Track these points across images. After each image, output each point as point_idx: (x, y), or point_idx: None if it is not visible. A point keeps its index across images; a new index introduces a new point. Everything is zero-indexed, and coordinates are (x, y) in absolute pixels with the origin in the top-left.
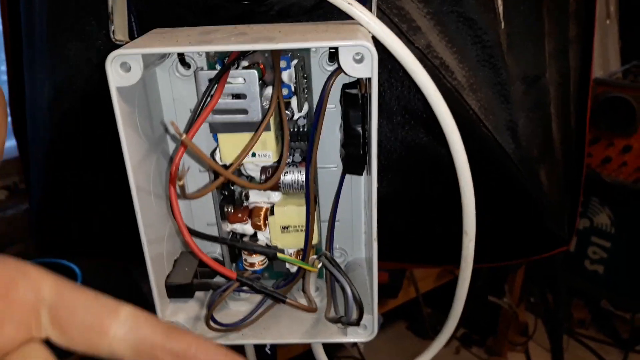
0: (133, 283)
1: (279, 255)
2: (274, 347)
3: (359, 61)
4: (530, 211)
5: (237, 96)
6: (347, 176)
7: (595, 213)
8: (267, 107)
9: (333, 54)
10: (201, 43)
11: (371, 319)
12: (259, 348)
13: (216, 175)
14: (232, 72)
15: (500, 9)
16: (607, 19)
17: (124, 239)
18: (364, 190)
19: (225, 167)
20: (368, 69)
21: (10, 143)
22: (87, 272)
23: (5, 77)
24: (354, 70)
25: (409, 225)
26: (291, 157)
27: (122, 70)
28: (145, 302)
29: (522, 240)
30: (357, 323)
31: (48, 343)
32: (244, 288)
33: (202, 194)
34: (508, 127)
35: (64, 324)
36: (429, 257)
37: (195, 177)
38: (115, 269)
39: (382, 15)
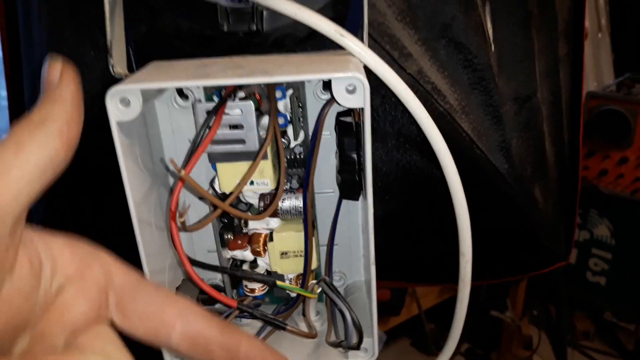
0: None
1: (278, 283)
2: None
3: (352, 92)
4: (526, 229)
5: (234, 127)
6: (344, 200)
7: (595, 225)
8: (264, 136)
9: (327, 84)
10: (198, 77)
11: (371, 342)
12: None
13: (215, 205)
14: (229, 103)
15: (490, 32)
16: (599, 32)
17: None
18: (360, 214)
19: (225, 195)
20: (360, 100)
21: None
22: None
23: (5, 103)
24: (346, 100)
25: (406, 245)
26: (288, 184)
27: (121, 105)
28: None
29: (519, 258)
30: (357, 347)
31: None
32: (245, 314)
33: (202, 226)
34: (501, 147)
35: (128, 309)
36: (427, 276)
37: (196, 206)
38: None
39: (374, 43)
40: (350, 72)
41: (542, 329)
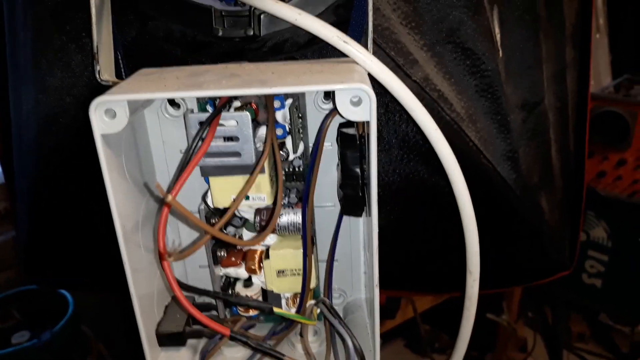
0: (127, 309)
1: (276, 310)
2: None
3: (357, 104)
4: (532, 239)
5: (229, 139)
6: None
7: (592, 227)
8: (260, 148)
9: (329, 93)
10: (190, 87)
11: None
12: None
13: (208, 219)
14: (223, 114)
15: (498, 37)
16: (597, 32)
17: (114, 273)
18: (362, 229)
19: (218, 210)
20: (366, 112)
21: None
22: (80, 300)
23: None
24: (351, 113)
25: (407, 255)
26: (287, 198)
27: (106, 117)
28: (138, 330)
29: (524, 267)
30: None
31: None
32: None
33: (189, 254)
34: (508, 157)
35: None
36: (428, 286)
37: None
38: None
39: (378, 49)
40: (355, 84)
41: (537, 331)
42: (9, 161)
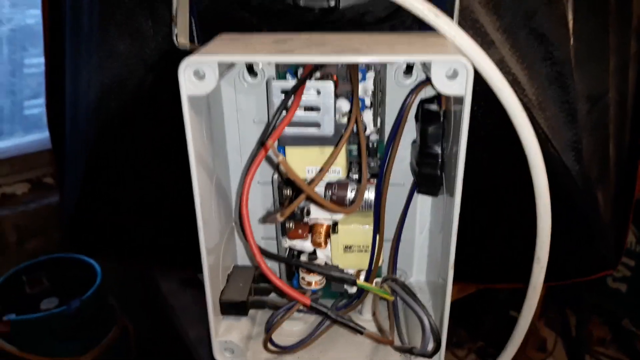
0: (153, 282)
1: (359, 282)
2: None
3: (452, 77)
4: (585, 233)
5: (309, 109)
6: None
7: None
8: (338, 120)
9: (410, 67)
10: (284, 53)
11: (440, 351)
12: None
13: (281, 190)
14: (307, 83)
15: (571, 24)
16: None
17: (163, 246)
18: (431, 211)
19: (290, 181)
20: (462, 86)
21: (36, 137)
22: (107, 269)
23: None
24: (446, 87)
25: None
26: (358, 173)
27: (195, 78)
28: (163, 301)
29: (573, 262)
30: (431, 355)
31: None
32: (302, 308)
33: (287, 214)
34: (573, 147)
35: None
36: (487, 277)
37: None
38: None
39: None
40: (454, 55)
41: (558, 333)
42: (58, 129)
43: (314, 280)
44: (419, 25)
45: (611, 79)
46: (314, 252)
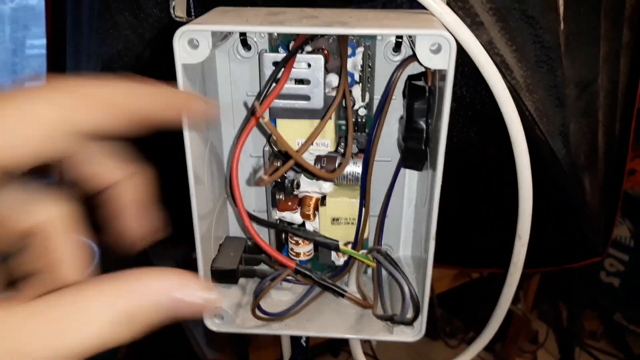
0: (147, 262)
1: (341, 247)
2: (308, 338)
3: (436, 51)
4: (571, 218)
5: (300, 81)
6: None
7: (615, 225)
8: (328, 94)
9: (399, 44)
10: (274, 24)
11: (420, 319)
12: (294, 338)
13: (272, 162)
14: (297, 56)
15: (562, 8)
16: None
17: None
18: (416, 186)
19: (281, 153)
20: (445, 61)
21: None
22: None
23: (34, 52)
24: (429, 60)
25: (451, 225)
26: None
27: (189, 47)
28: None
29: (560, 248)
30: (411, 322)
31: None
32: (290, 278)
33: (274, 178)
34: (560, 132)
35: None
36: (470, 259)
37: (242, 162)
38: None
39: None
40: (437, 30)
41: (550, 325)
42: None
43: (303, 252)
44: (411, 4)
45: (601, 66)
46: (303, 224)
